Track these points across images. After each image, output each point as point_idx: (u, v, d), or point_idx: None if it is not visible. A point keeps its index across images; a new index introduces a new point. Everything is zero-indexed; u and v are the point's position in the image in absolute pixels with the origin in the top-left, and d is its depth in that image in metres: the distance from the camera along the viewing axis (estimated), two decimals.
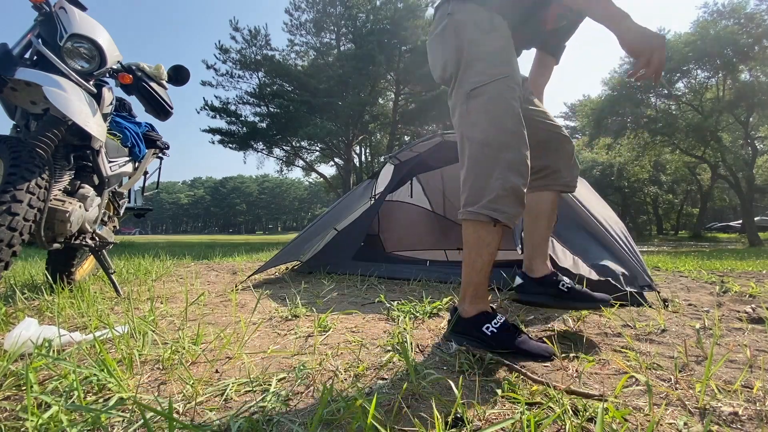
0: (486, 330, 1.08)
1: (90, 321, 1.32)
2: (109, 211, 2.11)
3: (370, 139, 20.98)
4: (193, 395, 0.78)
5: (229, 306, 1.68)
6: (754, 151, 16.90)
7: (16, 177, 1.20)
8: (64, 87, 1.39)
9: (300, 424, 0.69)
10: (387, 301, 1.72)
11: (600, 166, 26.11)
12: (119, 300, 1.76)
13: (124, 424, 0.67)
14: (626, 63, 18.15)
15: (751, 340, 1.23)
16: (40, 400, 0.72)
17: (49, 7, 1.51)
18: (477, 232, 1.12)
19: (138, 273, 2.67)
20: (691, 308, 1.74)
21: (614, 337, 1.24)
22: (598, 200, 2.42)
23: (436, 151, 2.97)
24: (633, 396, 0.82)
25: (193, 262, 3.86)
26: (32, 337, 1.00)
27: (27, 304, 1.60)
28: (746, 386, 0.86)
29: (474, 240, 1.13)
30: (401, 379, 0.89)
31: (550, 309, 1.52)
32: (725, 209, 36.65)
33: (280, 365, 0.97)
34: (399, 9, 16.23)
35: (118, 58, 1.69)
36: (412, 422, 0.70)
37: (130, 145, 2.01)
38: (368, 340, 1.19)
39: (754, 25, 14.21)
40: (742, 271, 3.40)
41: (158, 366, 0.95)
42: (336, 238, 2.95)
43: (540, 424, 0.66)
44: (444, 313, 1.48)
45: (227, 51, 17.21)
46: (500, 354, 1.01)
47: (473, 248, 1.14)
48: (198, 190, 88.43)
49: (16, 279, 2.24)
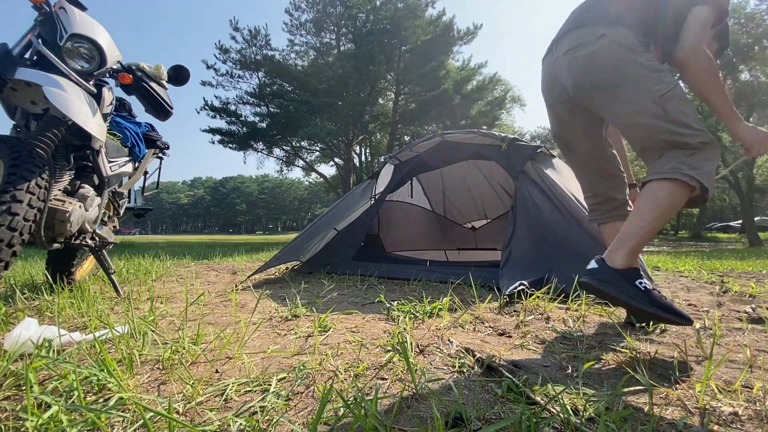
0: (640, 285, 1.09)
1: (90, 321, 1.32)
2: (109, 211, 2.11)
3: (370, 139, 20.96)
4: (193, 395, 0.78)
5: (229, 306, 1.68)
6: None
7: (16, 177, 1.20)
8: (64, 87, 1.39)
9: (300, 424, 0.69)
10: (387, 301, 1.72)
11: None
12: (119, 300, 1.76)
13: (124, 424, 0.67)
14: None
15: (751, 340, 1.23)
16: (40, 400, 0.72)
17: (49, 7, 1.51)
18: (673, 193, 1.16)
19: (138, 273, 2.67)
20: (691, 308, 1.74)
21: (614, 337, 1.24)
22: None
23: (436, 151, 2.97)
24: (633, 396, 0.82)
25: (193, 262, 3.86)
26: (32, 337, 1.00)
27: (27, 304, 1.60)
28: (746, 386, 0.86)
29: (665, 200, 1.16)
30: (401, 379, 0.89)
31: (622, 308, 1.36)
32: (725, 209, 36.63)
33: (280, 365, 0.97)
34: (399, 9, 16.21)
35: (118, 58, 1.69)
36: (412, 422, 0.70)
37: (130, 145, 2.01)
38: (368, 340, 1.19)
39: (754, 25, 14.20)
40: (742, 271, 3.40)
41: (158, 366, 0.95)
42: (336, 237, 2.96)
43: (540, 424, 0.66)
44: (444, 313, 1.48)
45: (227, 51, 17.19)
46: (648, 313, 1.05)
47: (660, 207, 1.17)
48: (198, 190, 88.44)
49: (16, 279, 2.24)
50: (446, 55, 17.14)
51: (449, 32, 16.65)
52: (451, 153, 2.95)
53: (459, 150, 2.86)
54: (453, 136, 2.88)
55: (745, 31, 14.38)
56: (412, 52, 16.59)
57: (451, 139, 2.88)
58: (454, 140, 2.86)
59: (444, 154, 3.00)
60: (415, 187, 4.20)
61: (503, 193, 4.28)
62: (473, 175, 4.31)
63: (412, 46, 16.47)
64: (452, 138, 2.87)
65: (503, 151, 2.53)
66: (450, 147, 2.90)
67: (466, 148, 2.81)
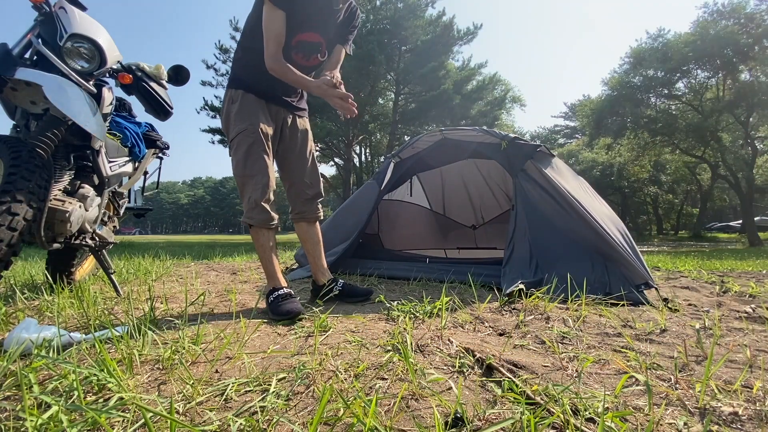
0: None
1: (90, 321, 1.32)
2: (109, 211, 2.11)
3: (370, 139, 20.95)
4: (193, 395, 0.78)
5: (229, 306, 1.68)
6: (754, 151, 16.86)
7: (17, 177, 1.20)
8: (64, 87, 1.39)
9: (300, 424, 0.69)
10: (387, 301, 1.72)
11: (600, 166, 26.10)
12: (119, 300, 1.76)
13: (124, 424, 0.67)
14: (626, 63, 18.13)
15: (751, 340, 1.23)
16: (40, 400, 0.72)
17: (49, 7, 1.51)
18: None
19: (138, 273, 2.67)
20: (691, 308, 1.74)
21: (614, 337, 1.24)
22: (596, 199, 2.42)
23: (435, 149, 2.97)
24: (633, 396, 0.82)
25: (193, 262, 3.86)
26: (32, 337, 1.01)
27: (27, 304, 1.60)
28: (746, 386, 0.86)
29: None
30: (401, 379, 0.89)
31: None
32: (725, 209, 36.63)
33: (280, 365, 0.97)
34: (399, 9, 16.20)
35: (118, 58, 1.69)
36: (412, 422, 0.70)
37: (130, 145, 2.01)
38: (368, 340, 1.19)
39: (754, 25, 14.19)
40: (742, 271, 3.40)
41: (158, 366, 0.95)
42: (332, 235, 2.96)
43: (540, 424, 0.66)
44: (444, 313, 1.48)
45: (227, 51, 17.17)
46: None
47: None
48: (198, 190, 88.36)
49: (16, 279, 2.24)
50: (446, 55, 17.12)
51: (449, 32, 16.63)
52: (451, 152, 2.95)
53: (459, 149, 2.86)
54: (454, 134, 2.88)
55: (745, 31, 14.38)
56: (412, 52, 16.57)
57: (452, 137, 2.88)
58: (455, 138, 2.87)
59: (444, 153, 3.00)
60: (415, 186, 4.19)
61: (502, 193, 4.28)
62: (473, 175, 4.31)
63: (412, 46, 16.46)
64: (453, 136, 2.87)
65: (503, 150, 2.53)
66: (450, 145, 2.90)
67: (466, 147, 2.81)
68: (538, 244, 2.14)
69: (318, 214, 1.84)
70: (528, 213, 2.25)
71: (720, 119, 16.25)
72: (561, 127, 40.89)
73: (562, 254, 2.05)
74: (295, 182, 1.79)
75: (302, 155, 1.79)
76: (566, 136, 39.78)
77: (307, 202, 1.80)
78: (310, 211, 1.81)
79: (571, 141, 37.54)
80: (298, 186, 1.79)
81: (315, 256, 1.83)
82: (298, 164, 1.78)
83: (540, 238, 2.16)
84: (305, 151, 1.80)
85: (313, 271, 1.84)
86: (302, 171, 1.79)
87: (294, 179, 1.79)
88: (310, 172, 1.80)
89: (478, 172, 4.28)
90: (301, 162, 1.79)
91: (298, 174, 1.78)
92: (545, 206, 2.22)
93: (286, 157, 1.78)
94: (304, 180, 1.78)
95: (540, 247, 2.13)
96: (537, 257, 2.09)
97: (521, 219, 2.26)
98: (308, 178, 1.79)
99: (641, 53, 16.99)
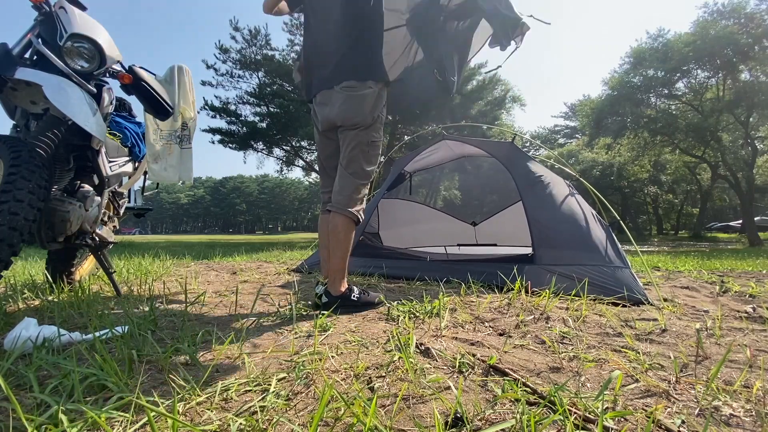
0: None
1: (90, 321, 1.32)
2: (109, 211, 2.11)
3: None
4: (193, 395, 0.78)
5: (229, 306, 1.68)
6: (754, 151, 16.86)
7: (17, 177, 1.20)
8: (64, 87, 1.39)
9: (300, 424, 0.69)
10: (387, 300, 1.72)
11: (600, 166, 26.08)
12: (119, 300, 1.76)
13: (124, 424, 0.67)
14: (626, 63, 18.12)
15: (751, 340, 1.23)
16: (40, 400, 0.72)
17: (49, 6, 1.51)
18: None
19: (138, 273, 2.67)
20: (691, 308, 1.74)
21: (614, 337, 1.24)
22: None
23: (436, 149, 2.99)
24: (633, 396, 0.82)
25: (193, 262, 3.86)
26: (32, 337, 1.01)
27: (27, 304, 1.60)
28: (746, 386, 0.86)
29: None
30: (401, 379, 0.89)
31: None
32: (725, 209, 36.62)
33: (280, 365, 0.97)
34: None
35: (118, 58, 1.69)
36: (412, 422, 0.70)
37: (130, 145, 2.01)
38: (368, 340, 1.19)
39: (754, 25, 14.18)
40: (742, 271, 3.40)
41: (158, 366, 0.95)
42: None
43: (540, 424, 0.66)
44: (444, 313, 1.48)
45: (227, 51, 17.17)
46: None
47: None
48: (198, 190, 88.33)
49: (16, 279, 2.24)
50: None
51: None
52: (450, 150, 2.96)
53: (459, 148, 2.87)
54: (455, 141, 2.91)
55: (745, 31, 14.37)
56: None
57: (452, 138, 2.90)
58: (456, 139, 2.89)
59: (443, 152, 3.01)
60: (415, 184, 4.20)
61: (501, 190, 4.29)
62: (473, 172, 4.32)
63: None
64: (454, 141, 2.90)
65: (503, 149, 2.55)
66: (451, 146, 2.92)
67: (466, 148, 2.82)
68: (549, 226, 2.25)
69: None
70: (534, 204, 2.30)
71: (720, 119, 16.24)
72: (561, 127, 40.90)
73: (567, 238, 2.16)
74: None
75: None
76: (566, 136, 39.79)
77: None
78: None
79: (571, 141, 37.55)
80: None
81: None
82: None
83: (548, 226, 2.26)
84: None
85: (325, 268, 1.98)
86: None
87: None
88: None
89: (479, 168, 4.29)
90: None
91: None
92: (548, 201, 2.27)
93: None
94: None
95: (548, 228, 2.24)
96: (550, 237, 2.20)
97: (531, 207, 2.31)
98: None
99: (641, 53, 16.98)
